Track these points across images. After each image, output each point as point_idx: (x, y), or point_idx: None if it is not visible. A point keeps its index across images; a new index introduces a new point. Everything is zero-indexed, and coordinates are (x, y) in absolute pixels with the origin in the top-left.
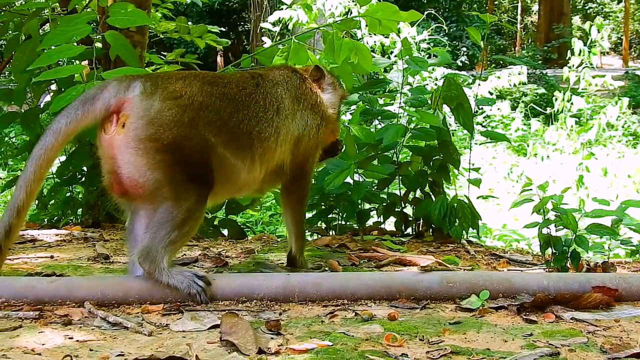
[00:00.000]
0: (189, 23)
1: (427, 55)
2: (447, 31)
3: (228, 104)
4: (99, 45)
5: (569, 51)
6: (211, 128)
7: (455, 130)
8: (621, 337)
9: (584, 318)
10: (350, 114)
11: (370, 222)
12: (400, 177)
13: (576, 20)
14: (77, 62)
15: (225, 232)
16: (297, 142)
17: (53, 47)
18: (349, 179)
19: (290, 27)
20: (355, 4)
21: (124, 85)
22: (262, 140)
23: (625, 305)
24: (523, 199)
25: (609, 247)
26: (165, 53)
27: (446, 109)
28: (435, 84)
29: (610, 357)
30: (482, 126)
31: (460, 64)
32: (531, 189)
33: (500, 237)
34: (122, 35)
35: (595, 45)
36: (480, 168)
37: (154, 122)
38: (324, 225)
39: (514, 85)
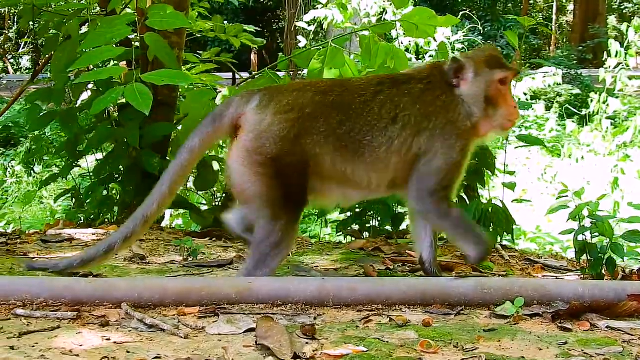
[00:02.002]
0: (225, 22)
1: None
2: (482, 31)
3: (338, 112)
4: (136, 44)
5: (605, 52)
6: (318, 138)
7: None
8: None
9: (619, 327)
10: None
11: (404, 226)
12: None
13: (612, 20)
14: (116, 63)
15: None
16: (421, 155)
17: (92, 48)
18: None
19: (325, 26)
20: (391, 4)
21: (245, 100)
22: (372, 149)
23: None
24: (559, 205)
25: None
26: (200, 52)
27: None
28: None
29: None
30: (517, 127)
31: None
32: (567, 195)
33: (534, 239)
34: (161, 36)
35: (632, 47)
36: (515, 172)
37: (262, 135)
38: (358, 228)
39: (549, 85)
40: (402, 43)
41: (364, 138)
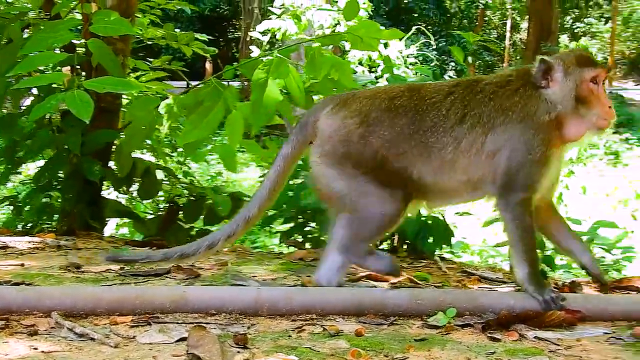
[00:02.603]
0: (177, 30)
1: (415, 70)
2: (436, 46)
3: (403, 116)
4: (80, 49)
5: None
6: (383, 142)
7: None
8: (581, 357)
9: (546, 337)
10: None
11: None
12: None
13: (564, 39)
14: (59, 68)
15: None
16: (497, 153)
17: (34, 53)
18: None
19: (279, 37)
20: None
21: (321, 106)
22: (438, 150)
23: (587, 325)
24: (495, 217)
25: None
26: (152, 60)
27: None
28: None
29: None
30: None
31: (448, 78)
32: None
33: (480, 252)
34: (105, 43)
35: None
36: None
37: (331, 139)
38: (300, 239)
39: None
40: (355, 56)
41: (429, 139)
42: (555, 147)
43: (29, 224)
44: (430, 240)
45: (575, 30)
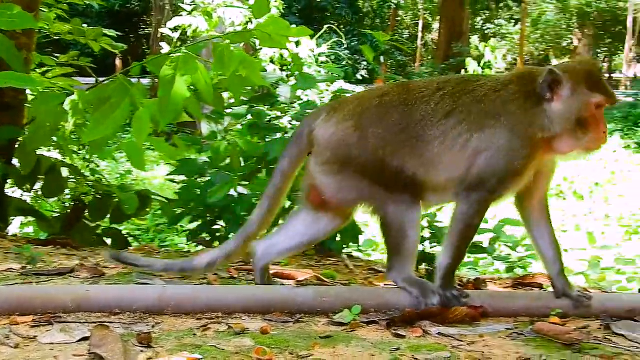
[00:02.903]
0: (85, 25)
1: (326, 69)
2: (348, 45)
3: (394, 111)
4: None
5: (463, 70)
6: (378, 140)
7: None
8: (483, 352)
9: (450, 333)
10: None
11: None
12: None
13: (475, 40)
14: None
15: (109, 241)
16: (475, 154)
17: None
18: (233, 192)
19: (190, 34)
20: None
21: (314, 116)
22: (426, 144)
23: (490, 321)
24: None
25: (492, 263)
26: (60, 55)
27: None
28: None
29: None
30: None
31: (360, 77)
32: None
33: None
34: (7, 37)
35: (489, 66)
36: None
37: (329, 146)
38: (208, 238)
39: None
40: (266, 54)
41: (418, 133)
42: (538, 160)
43: None
44: (338, 238)
45: (486, 32)
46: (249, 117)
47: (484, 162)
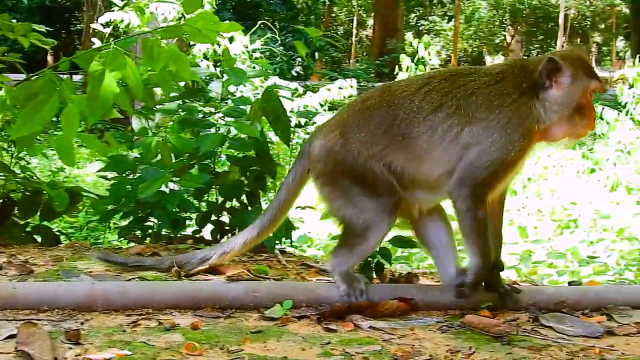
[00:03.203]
0: (14, 20)
1: (258, 64)
2: (282, 41)
3: (376, 113)
4: None
5: (397, 66)
6: (362, 144)
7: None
8: (413, 345)
9: (381, 327)
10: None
11: (190, 231)
12: (218, 187)
13: (409, 36)
14: None
15: (39, 239)
16: (466, 148)
17: None
18: (163, 187)
19: (122, 29)
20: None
21: (315, 132)
22: (412, 140)
23: (421, 314)
24: None
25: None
26: None
27: None
28: None
29: None
30: None
31: (295, 74)
32: None
33: (325, 246)
34: None
35: (422, 62)
36: None
37: (320, 157)
38: (139, 233)
39: (345, 97)
40: (200, 50)
41: (403, 130)
42: (531, 149)
43: None
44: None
45: (420, 28)
46: (182, 112)
47: (476, 156)
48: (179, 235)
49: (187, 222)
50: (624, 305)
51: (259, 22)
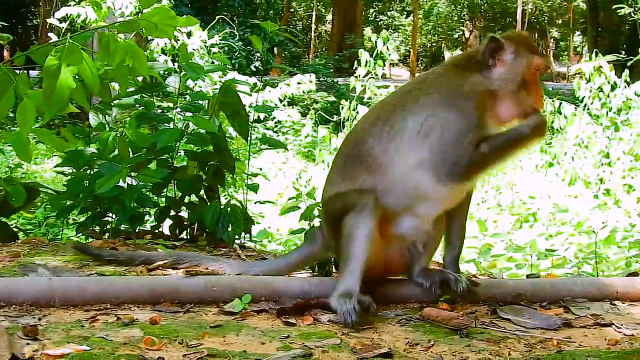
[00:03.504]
0: None
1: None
2: (241, 36)
3: (348, 144)
4: None
5: (356, 61)
6: (340, 175)
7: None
8: (372, 338)
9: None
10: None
11: (149, 226)
12: (176, 181)
13: (368, 31)
14: None
15: None
16: (424, 137)
17: None
18: (121, 183)
19: (78, 24)
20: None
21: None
22: (377, 157)
23: (380, 308)
24: (290, 205)
25: None
26: None
27: None
28: None
29: (360, 356)
30: (274, 132)
31: (254, 69)
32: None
33: (287, 241)
34: None
35: (381, 57)
36: (257, 175)
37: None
38: (98, 229)
39: (304, 92)
40: (158, 44)
41: (368, 152)
42: (489, 112)
43: None
44: (230, 229)
45: (379, 23)
46: (139, 107)
47: (438, 138)
48: (137, 231)
49: (146, 217)
50: (581, 297)
51: (217, 17)
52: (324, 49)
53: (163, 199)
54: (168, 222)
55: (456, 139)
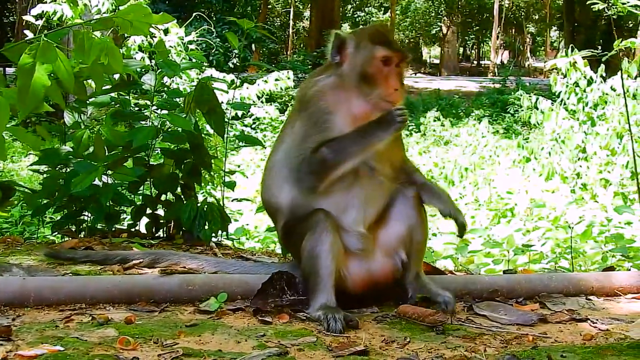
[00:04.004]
0: None
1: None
2: (219, 33)
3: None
4: None
5: None
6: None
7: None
8: (349, 336)
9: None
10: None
11: (125, 225)
12: (152, 179)
13: (346, 27)
14: None
15: None
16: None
17: None
18: (97, 181)
19: (54, 21)
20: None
21: None
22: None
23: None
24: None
25: None
26: None
27: None
28: None
29: (336, 354)
30: (252, 129)
31: (232, 66)
32: None
33: (264, 239)
34: None
35: None
36: (235, 172)
37: None
38: (74, 228)
39: (282, 89)
40: (134, 42)
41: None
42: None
43: None
44: (207, 227)
45: (357, 19)
46: (115, 105)
47: (288, 149)
48: (113, 229)
49: (122, 215)
50: (557, 293)
51: (195, 14)
52: (302, 46)
53: (139, 198)
54: (144, 221)
55: (298, 146)
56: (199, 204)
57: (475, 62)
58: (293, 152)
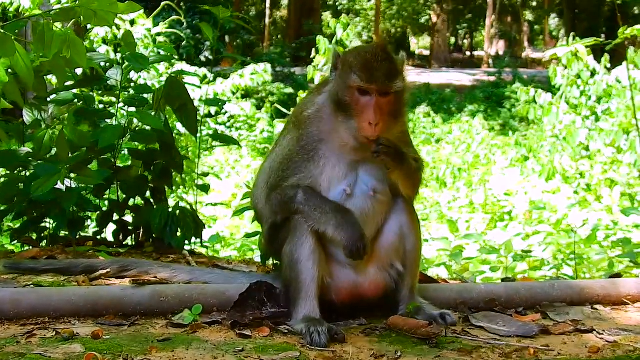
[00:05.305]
0: None
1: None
2: (189, 23)
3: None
4: None
5: (314, 49)
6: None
7: None
8: (335, 350)
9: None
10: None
11: (90, 232)
12: (119, 183)
13: (327, 16)
14: None
15: None
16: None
17: None
18: (59, 185)
19: (11, 12)
20: None
21: None
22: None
23: (342, 316)
24: (244, 206)
25: None
26: None
27: None
28: None
29: None
30: (226, 127)
31: (204, 59)
32: None
33: (241, 247)
34: None
35: (341, 44)
36: (209, 174)
37: None
38: (34, 236)
39: (259, 84)
40: (98, 34)
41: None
42: (333, 148)
43: None
44: (179, 233)
45: (339, 8)
46: (78, 103)
47: (269, 168)
48: (77, 237)
49: (87, 222)
50: (559, 302)
51: (163, 3)
52: (279, 37)
53: (105, 203)
54: (111, 228)
55: (281, 165)
56: (170, 209)
57: (467, 53)
58: (275, 170)
